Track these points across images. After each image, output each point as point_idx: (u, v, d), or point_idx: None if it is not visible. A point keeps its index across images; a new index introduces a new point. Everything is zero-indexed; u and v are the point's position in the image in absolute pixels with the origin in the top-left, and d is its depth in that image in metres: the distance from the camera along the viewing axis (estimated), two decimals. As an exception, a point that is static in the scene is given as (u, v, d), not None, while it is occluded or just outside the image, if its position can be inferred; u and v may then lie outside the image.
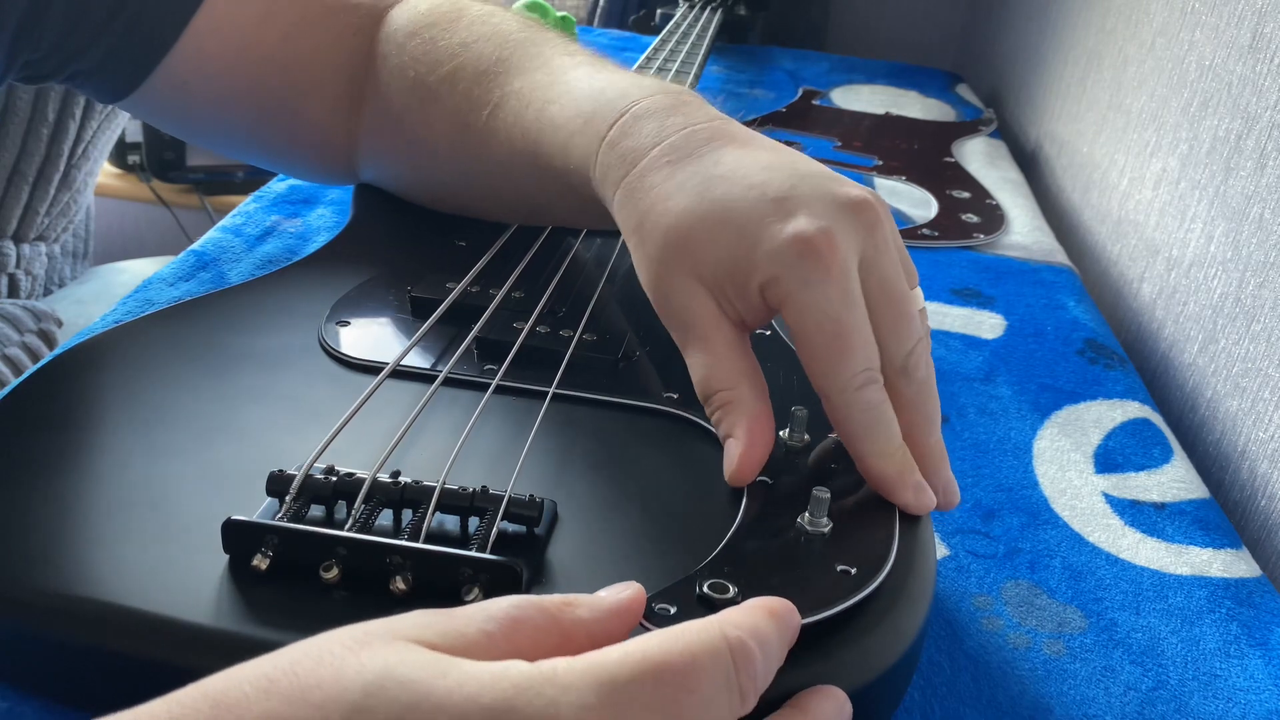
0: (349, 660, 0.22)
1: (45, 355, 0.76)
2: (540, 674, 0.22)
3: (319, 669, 0.22)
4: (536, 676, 0.22)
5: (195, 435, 0.36)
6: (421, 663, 0.22)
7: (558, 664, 0.22)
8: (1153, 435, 0.52)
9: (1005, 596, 0.40)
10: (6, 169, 0.94)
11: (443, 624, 0.24)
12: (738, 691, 0.24)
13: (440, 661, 0.22)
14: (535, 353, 0.42)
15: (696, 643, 0.24)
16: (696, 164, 0.37)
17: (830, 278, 0.33)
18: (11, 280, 0.97)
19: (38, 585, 0.29)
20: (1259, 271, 0.56)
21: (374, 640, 0.23)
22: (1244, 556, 0.44)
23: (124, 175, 1.69)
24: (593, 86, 0.42)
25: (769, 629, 0.26)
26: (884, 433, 0.34)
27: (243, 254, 0.59)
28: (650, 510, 0.34)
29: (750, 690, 0.24)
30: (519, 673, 0.22)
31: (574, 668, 0.22)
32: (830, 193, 0.35)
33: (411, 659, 0.22)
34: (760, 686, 0.25)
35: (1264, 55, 0.59)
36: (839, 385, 0.34)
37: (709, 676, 0.23)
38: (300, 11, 0.51)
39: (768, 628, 0.26)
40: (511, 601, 0.25)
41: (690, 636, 0.24)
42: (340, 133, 0.54)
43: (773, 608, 0.27)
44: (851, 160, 0.88)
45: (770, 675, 0.26)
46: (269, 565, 0.30)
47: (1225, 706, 0.36)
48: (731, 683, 0.24)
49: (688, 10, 1.07)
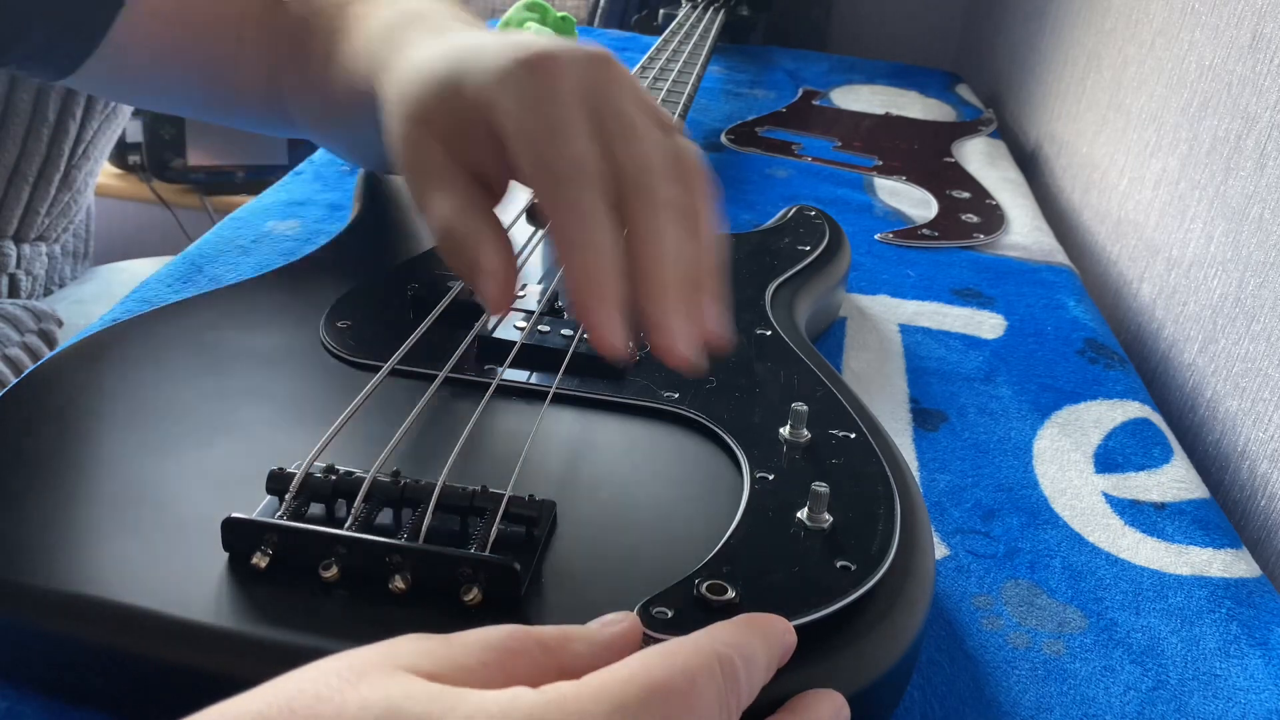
0: (349, 695, 0.21)
1: (46, 355, 0.76)
2: (550, 701, 0.22)
3: (319, 706, 0.21)
4: (548, 704, 0.22)
5: (195, 433, 0.36)
6: (427, 695, 0.21)
7: (564, 689, 0.22)
8: (1153, 435, 0.52)
9: (1005, 596, 0.40)
10: (7, 169, 0.94)
11: (441, 652, 0.23)
12: (727, 710, 0.24)
13: (446, 694, 0.21)
14: (536, 352, 0.42)
15: (694, 662, 0.24)
16: (451, 37, 0.37)
17: (554, 86, 0.31)
18: (12, 280, 0.97)
19: (38, 583, 0.29)
20: (1259, 271, 0.56)
21: (372, 671, 0.22)
22: (1244, 556, 0.44)
23: (124, 175, 1.69)
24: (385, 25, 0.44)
25: (758, 647, 0.26)
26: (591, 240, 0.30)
27: (239, 257, 0.59)
28: (650, 510, 0.34)
29: (735, 708, 0.25)
30: (529, 702, 0.22)
31: (582, 694, 0.22)
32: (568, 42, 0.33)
33: (416, 691, 0.21)
34: (745, 704, 0.25)
35: (1264, 55, 0.59)
36: (550, 181, 0.30)
37: (706, 695, 0.24)
38: None
39: (757, 646, 0.26)
40: (507, 632, 0.25)
41: (688, 655, 0.24)
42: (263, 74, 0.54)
43: (764, 626, 0.27)
44: (851, 160, 0.88)
45: (754, 692, 0.26)
46: (268, 563, 0.30)
47: (1225, 706, 0.36)
48: (723, 701, 0.24)
49: (690, 10, 1.07)
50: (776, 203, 0.73)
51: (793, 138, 0.92)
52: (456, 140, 0.34)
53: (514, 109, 0.31)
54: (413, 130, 0.34)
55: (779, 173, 0.84)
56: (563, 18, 0.94)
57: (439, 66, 0.34)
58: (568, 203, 0.30)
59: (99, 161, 1.05)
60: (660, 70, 0.81)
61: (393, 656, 0.23)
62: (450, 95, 0.34)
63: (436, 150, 0.34)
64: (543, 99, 0.31)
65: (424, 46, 0.37)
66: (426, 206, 0.34)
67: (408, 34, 0.41)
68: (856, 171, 0.85)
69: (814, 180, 0.82)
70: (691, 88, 0.78)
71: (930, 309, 0.63)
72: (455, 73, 0.34)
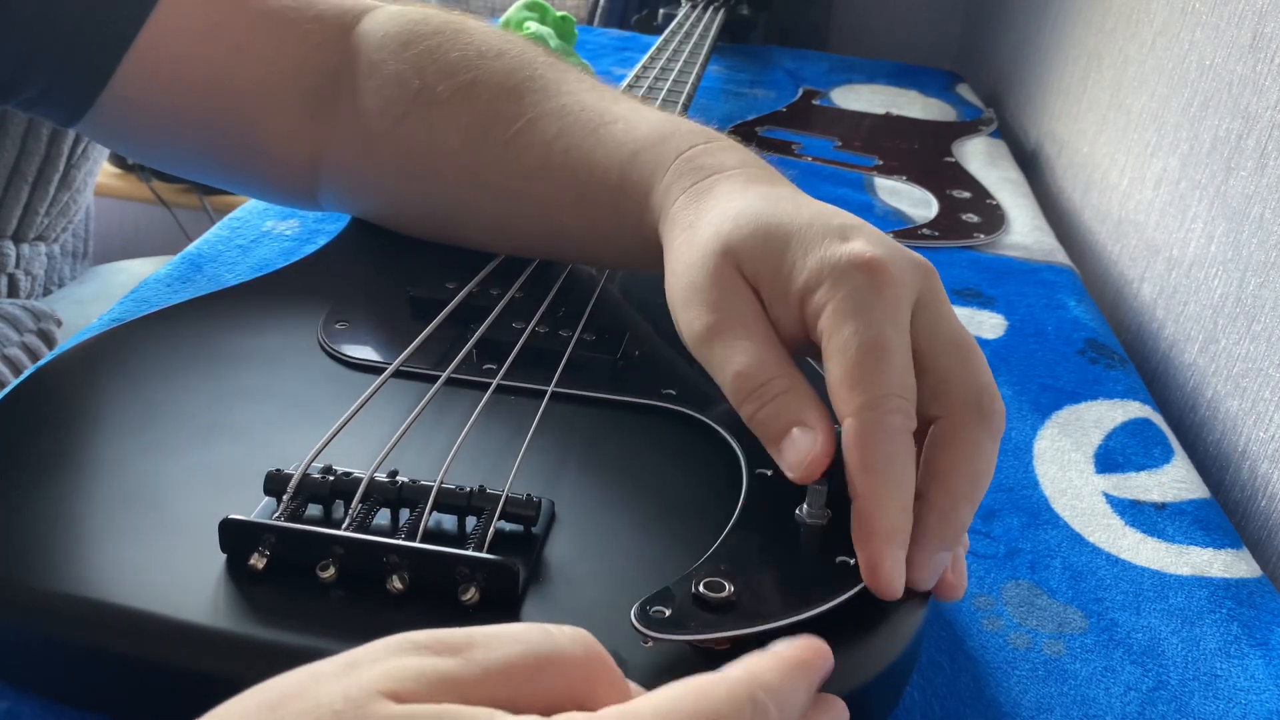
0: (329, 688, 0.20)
1: (45, 355, 0.76)
2: None
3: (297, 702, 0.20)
4: None
5: (193, 435, 0.36)
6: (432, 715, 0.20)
7: None
8: (1153, 435, 0.52)
9: (1006, 596, 0.40)
10: (6, 169, 0.94)
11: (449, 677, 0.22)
12: None
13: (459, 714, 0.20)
14: (534, 352, 0.42)
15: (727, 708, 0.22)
16: (772, 187, 0.37)
17: (882, 295, 0.31)
18: (11, 280, 0.97)
19: (36, 584, 0.29)
20: (1259, 271, 0.56)
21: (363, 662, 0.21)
22: (1244, 557, 0.44)
23: (124, 175, 1.69)
24: (661, 116, 0.44)
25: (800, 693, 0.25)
26: (894, 475, 0.30)
27: (238, 257, 0.59)
28: (648, 508, 0.34)
29: None
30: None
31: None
32: (892, 240, 0.34)
33: None
34: None
35: (1264, 55, 0.59)
36: (865, 402, 0.30)
37: None
38: (251, 24, 0.49)
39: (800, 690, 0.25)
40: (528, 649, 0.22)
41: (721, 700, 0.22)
42: (300, 150, 0.50)
43: (808, 667, 0.26)
44: (851, 160, 0.88)
45: None
46: (266, 564, 0.30)
47: (1225, 707, 0.36)
48: None
49: (690, 10, 1.07)
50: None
51: (793, 137, 0.92)
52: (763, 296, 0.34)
53: (845, 308, 0.31)
54: (727, 269, 0.34)
55: (779, 172, 0.83)
56: (563, 17, 0.94)
57: (761, 223, 0.34)
58: (883, 426, 0.30)
59: (98, 161, 1.05)
60: (660, 70, 0.81)
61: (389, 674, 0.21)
62: (772, 256, 0.33)
63: (750, 294, 0.34)
64: (876, 310, 0.31)
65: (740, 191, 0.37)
66: (726, 348, 0.33)
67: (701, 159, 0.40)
68: (856, 171, 0.85)
69: (814, 180, 0.82)
70: (691, 87, 0.78)
71: (930, 309, 0.63)
72: (778, 238, 0.34)
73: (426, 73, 0.48)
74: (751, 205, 0.35)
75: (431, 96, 0.48)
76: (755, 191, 0.37)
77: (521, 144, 0.46)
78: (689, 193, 0.38)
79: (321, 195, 0.53)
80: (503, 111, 0.46)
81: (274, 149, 0.51)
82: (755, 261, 0.34)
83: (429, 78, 0.48)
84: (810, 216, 0.34)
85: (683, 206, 0.38)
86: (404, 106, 0.48)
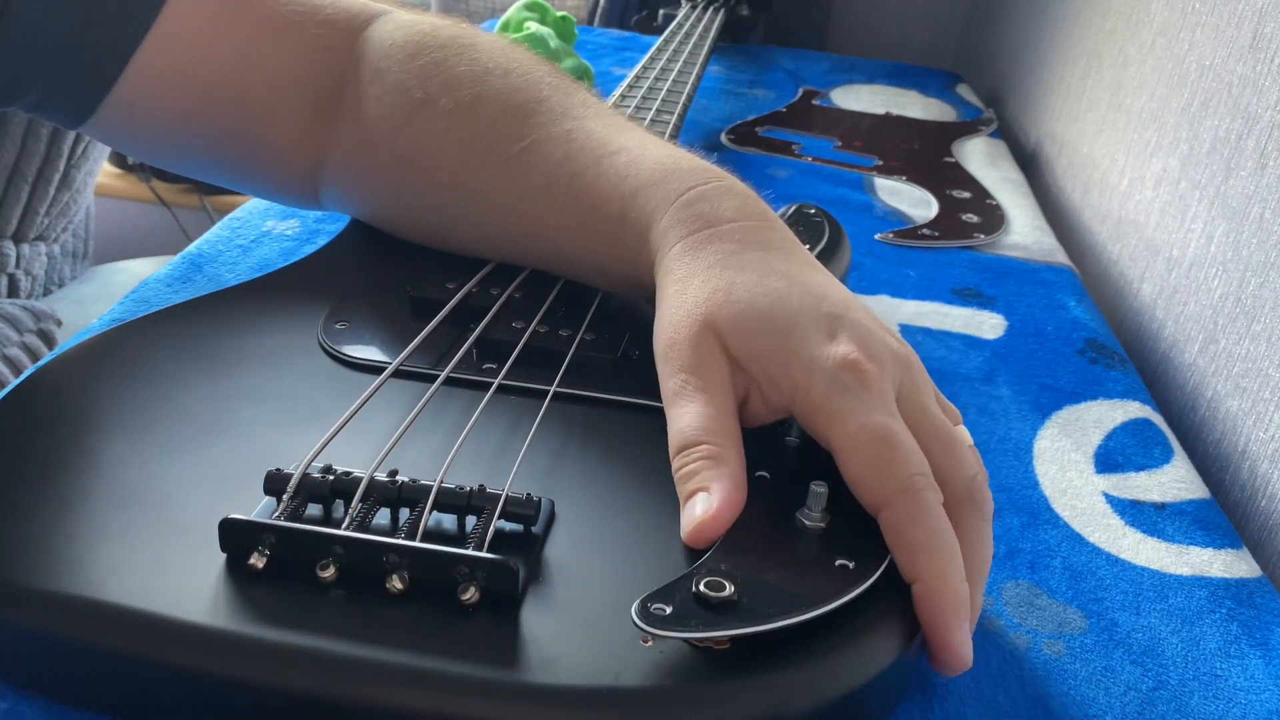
0: None
1: (45, 355, 0.76)
2: None
3: None
4: None
5: (193, 435, 0.36)
6: None
7: None
8: (1153, 435, 0.52)
9: (1005, 596, 0.40)
10: (6, 169, 0.94)
11: None
12: None
13: None
14: (535, 352, 0.42)
15: None
16: (764, 253, 0.38)
17: (871, 393, 0.33)
18: (11, 280, 0.97)
19: (36, 584, 0.29)
20: (1259, 271, 0.56)
21: None
22: (1244, 557, 0.44)
23: (124, 175, 1.69)
24: (665, 151, 0.44)
25: None
26: (950, 544, 0.31)
27: (239, 257, 0.59)
28: (648, 508, 0.34)
29: None
30: None
31: None
32: (877, 329, 0.36)
33: None
34: None
35: (1264, 55, 0.59)
36: (895, 486, 0.32)
37: None
38: (257, 29, 0.48)
39: None
40: None
41: None
42: (303, 152, 0.51)
43: None
44: (851, 160, 0.88)
45: None
46: (266, 564, 0.30)
47: (1225, 707, 0.36)
48: None
49: (690, 10, 1.07)
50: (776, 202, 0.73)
51: (793, 137, 0.92)
52: (740, 374, 0.35)
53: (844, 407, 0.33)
54: (706, 339, 0.35)
55: (779, 172, 0.84)
56: (563, 18, 0.94)
57: (750, 306, 0.36)
58: (923, 504, 0.31)
59: (98, 161, 1.05)
60: (660, 71, 0.81)
61: None
62: (759, 341, 0.35)
63: (722, 364, 0.35)
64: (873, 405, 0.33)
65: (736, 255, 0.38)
66: (680, 407, 0.35)
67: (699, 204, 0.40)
68: (856, 171, 0.85)
69: (814, 180, 0.82)
70: (691, 87, 0.78)
71: (930, 309, 0.63)
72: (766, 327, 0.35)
73: (430, 84, 0.48)
74: (744, 281, 0.36)
75: (434, 108, 0.48)
76: (749, 261, 0.37)
77: (524, 164, 0.46)
78: (685, 242, 0.39)
79: (323, 196, 0.53)
80: (506, 130, 0.46)
81: (279, 151, 0.51)
82: (742, 344, 0.35)
83: (432, 89, 0.48)
84: (799, 303, 0.36)
85: (677, 256, 0.39)
86: (405, 115, 0.48)
